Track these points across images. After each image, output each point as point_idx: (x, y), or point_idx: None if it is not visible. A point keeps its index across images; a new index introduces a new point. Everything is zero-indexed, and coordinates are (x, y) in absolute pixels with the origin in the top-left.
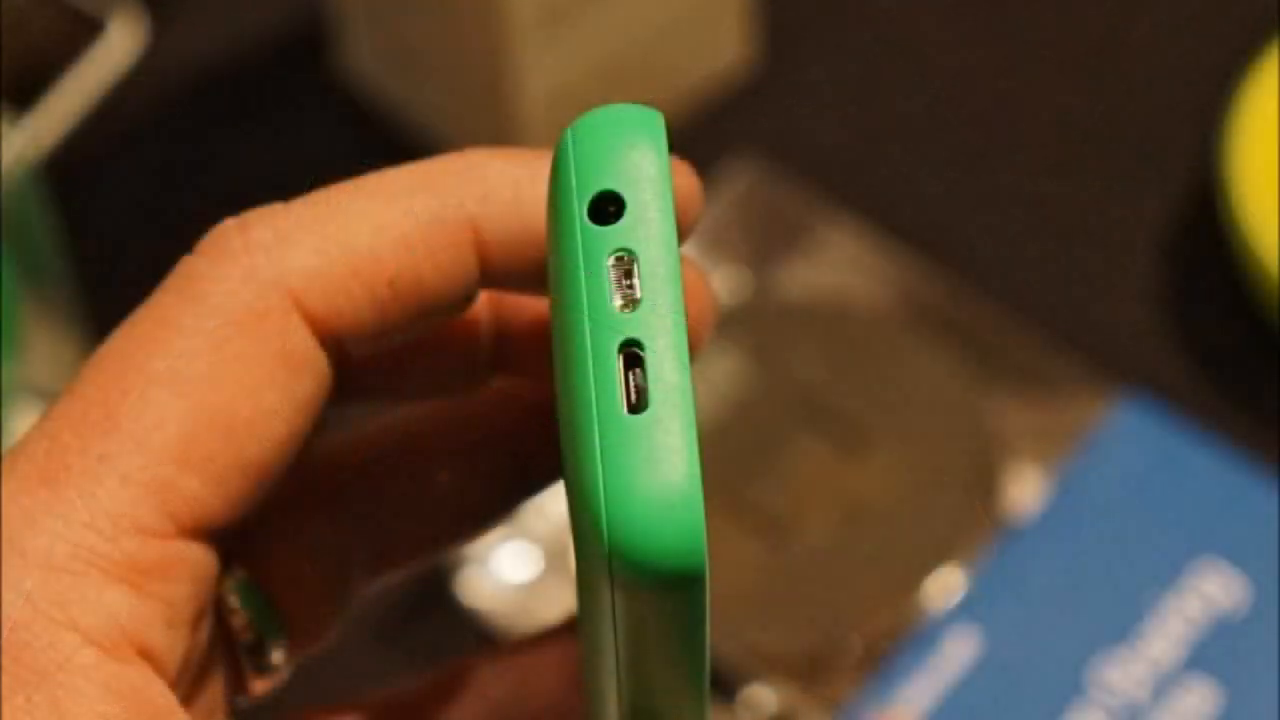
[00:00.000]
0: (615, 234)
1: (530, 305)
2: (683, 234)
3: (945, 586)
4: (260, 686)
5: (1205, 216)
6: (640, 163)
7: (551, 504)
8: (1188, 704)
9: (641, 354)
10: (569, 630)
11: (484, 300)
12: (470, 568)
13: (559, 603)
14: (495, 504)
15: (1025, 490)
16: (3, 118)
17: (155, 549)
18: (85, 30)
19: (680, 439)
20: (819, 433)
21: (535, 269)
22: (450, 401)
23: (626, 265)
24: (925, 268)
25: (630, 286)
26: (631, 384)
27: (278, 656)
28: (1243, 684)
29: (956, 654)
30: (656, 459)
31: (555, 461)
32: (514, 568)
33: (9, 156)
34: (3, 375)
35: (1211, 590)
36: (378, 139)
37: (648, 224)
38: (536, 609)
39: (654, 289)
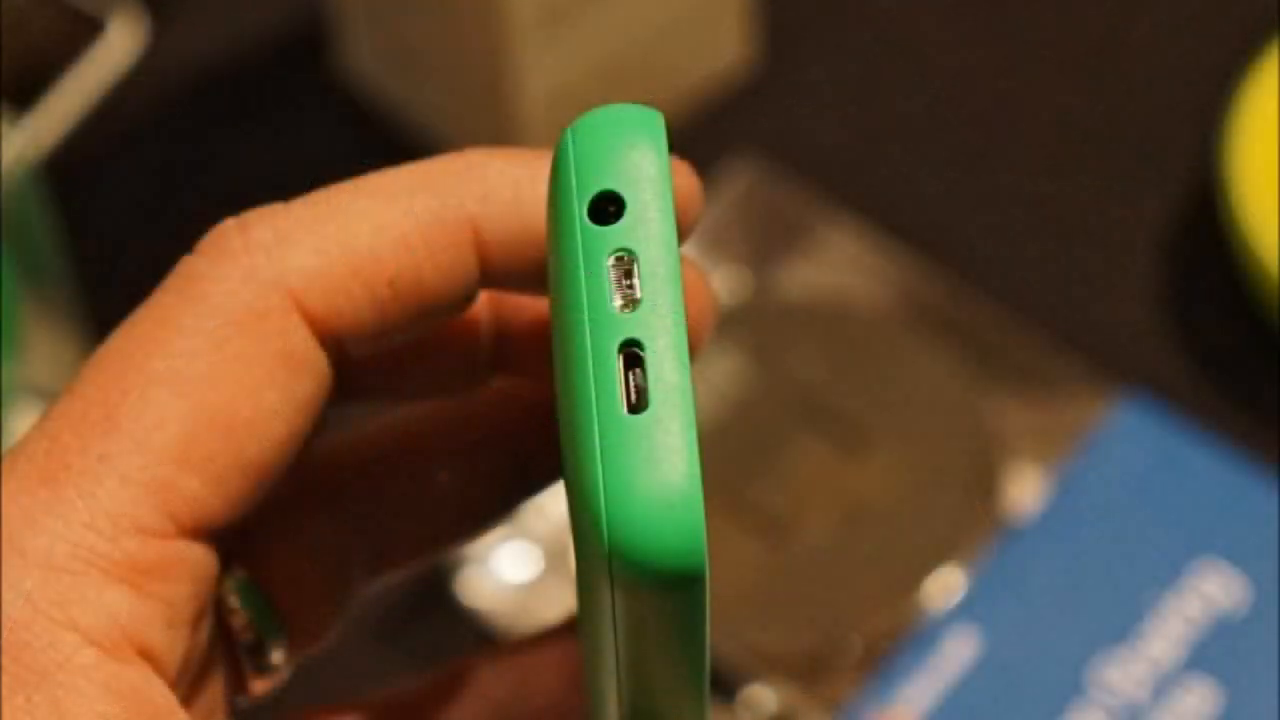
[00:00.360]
0: (615, 234)
1: (530, 305)
2: (683, 234)
3: (945, 586)
4: (260, 686)
5: (1205, 216)
6: (640, 163)
7: (551, 504)
8: (1188, 704)
9: (641, 354)
10: (569, 630)
11: (484, 300)
12: (470, 568)
13: (559, 603)
14: (495, 504)
15: (1025, 490)
16: (3, 118)
17: (155, 549)
18: (85, 30)
19: (680, 439)
20: (819, 433)
21: (535, 269)
22: (450, 401)
23: (626, 265)
24: (925, 268)
25: (630, 286)
26: (631, 384)
27: (278, 656)
28: (1243, 684)
29: (956, 654)
30: (656, 459)
31: (555, 461)
32: (514, 568)
33: (9, 156)
34: (3, 375)
35: (1211, 590)
36: (378, 139)
37: (648, 224)
38: (536, 609)
39: (654, 289)
